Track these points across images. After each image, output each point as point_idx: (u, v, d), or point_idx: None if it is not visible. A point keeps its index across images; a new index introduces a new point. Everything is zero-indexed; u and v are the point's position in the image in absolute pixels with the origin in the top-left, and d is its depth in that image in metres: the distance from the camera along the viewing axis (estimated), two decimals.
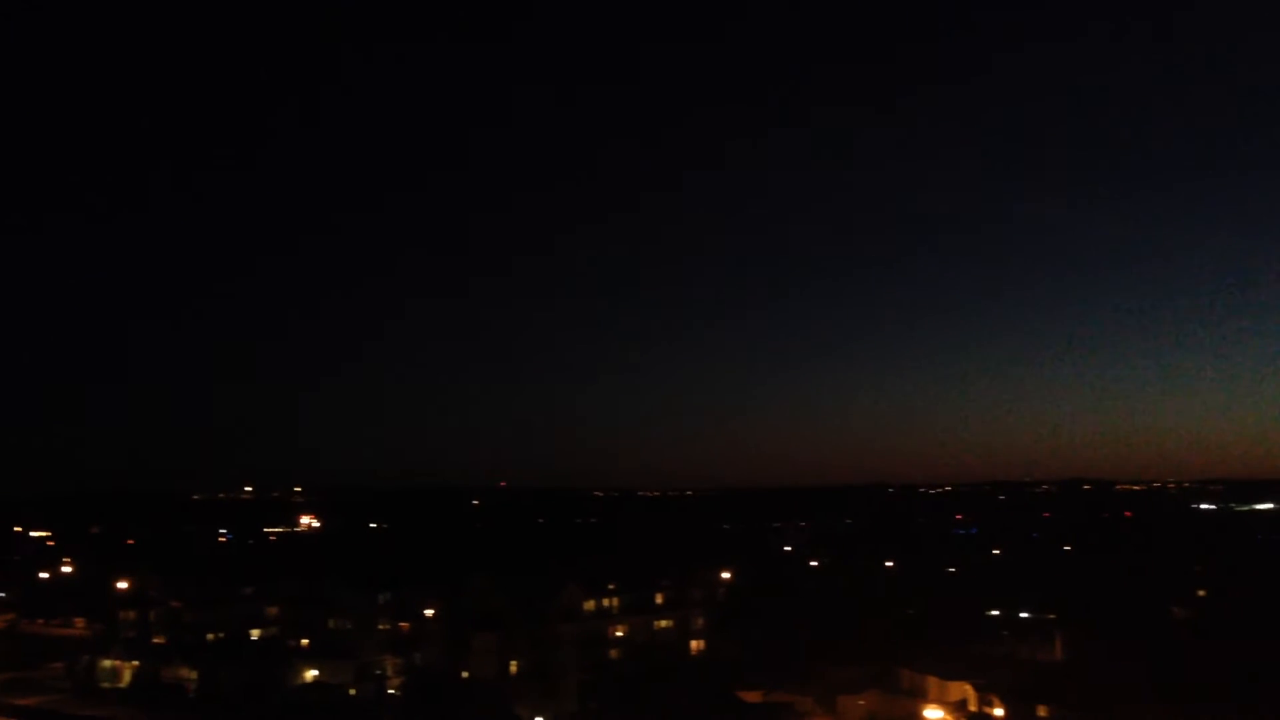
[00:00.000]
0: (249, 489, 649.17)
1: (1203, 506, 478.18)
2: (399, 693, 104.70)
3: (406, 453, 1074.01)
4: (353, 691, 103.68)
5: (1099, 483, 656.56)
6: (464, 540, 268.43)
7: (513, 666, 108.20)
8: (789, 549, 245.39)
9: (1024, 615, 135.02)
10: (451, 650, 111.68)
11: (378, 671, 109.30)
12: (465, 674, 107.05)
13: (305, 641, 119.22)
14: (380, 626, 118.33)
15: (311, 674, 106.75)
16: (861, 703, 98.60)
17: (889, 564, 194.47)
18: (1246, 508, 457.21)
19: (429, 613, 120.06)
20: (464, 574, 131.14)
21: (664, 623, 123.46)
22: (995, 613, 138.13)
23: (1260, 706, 75.30)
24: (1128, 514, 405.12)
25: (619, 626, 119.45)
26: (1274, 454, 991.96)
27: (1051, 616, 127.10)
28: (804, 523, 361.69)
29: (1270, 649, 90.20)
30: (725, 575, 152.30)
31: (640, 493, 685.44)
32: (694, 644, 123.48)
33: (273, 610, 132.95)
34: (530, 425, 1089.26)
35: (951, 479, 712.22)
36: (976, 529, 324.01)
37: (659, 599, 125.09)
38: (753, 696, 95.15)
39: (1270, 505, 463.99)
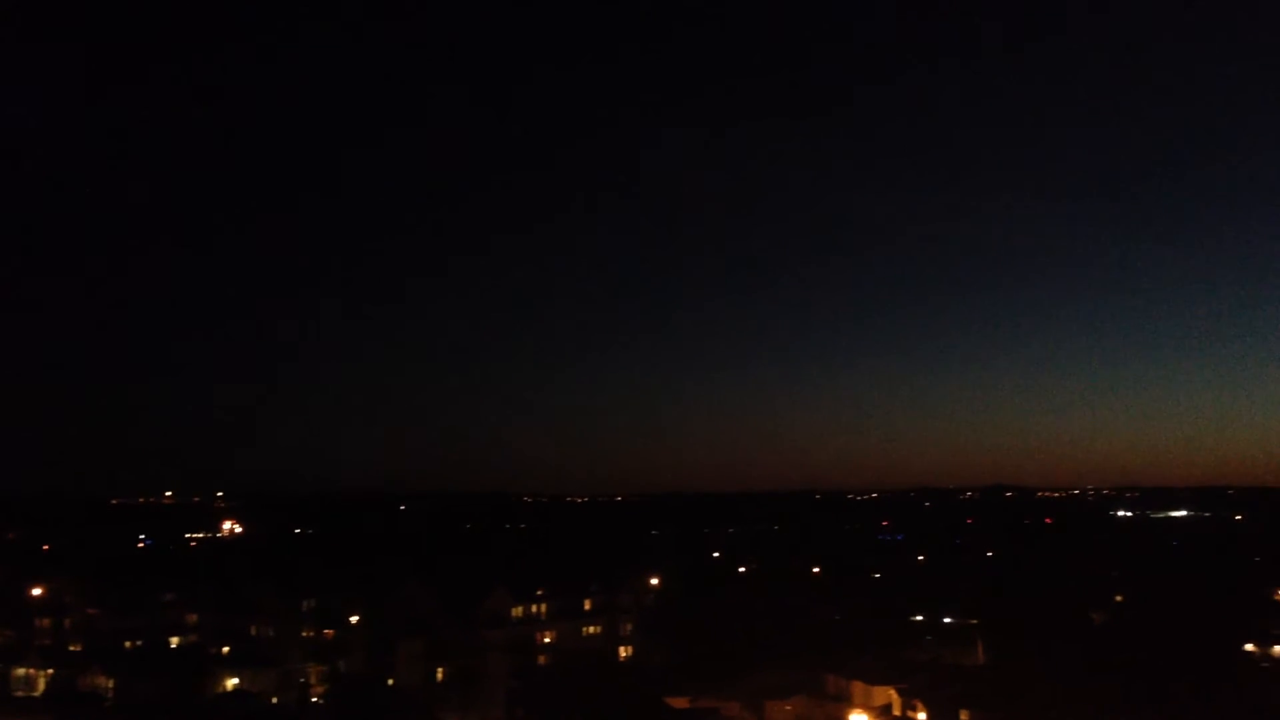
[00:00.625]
0: (170, 493, 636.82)
1: (1120, 513, 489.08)
2: (322, 700, 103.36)
3: (333, 457, 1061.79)
4: (275, 700, 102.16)
5: (1021, 489, 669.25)
6: (391, 546, 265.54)
7: (439, 673, 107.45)
8: (717, 555, 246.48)
9: (948, 620, 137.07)
10: (377, 657, 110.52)
11: (301, 679, 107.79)
12: (390, 681, 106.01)
13: (226, 649, 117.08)
14: (304, 634, 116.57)
15: (232, 682, 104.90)
16: (788, 708, 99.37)
17: (816, 570, 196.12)
18: (1161, 515, 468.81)
19: (354, 619, 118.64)
20: (391, 580, 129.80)
21: (592, 629, 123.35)
22: (920, 618, 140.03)
23: (1174, 708, 77.14)
24: (1048, 520, 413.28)
25: (547, 632, 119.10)
26: (1187, 463, 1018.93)
27: (974, 622, 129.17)
28: (732, 529, 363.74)
29: (1183, 652, 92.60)
30: (654, 581, 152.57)
31: (570, 498, 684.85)
32: (622, 650, 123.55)
33: (193, 617, 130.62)
34: (459, 430, 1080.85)
35: (878, 486, 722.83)
36: (902, 535, 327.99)
37: (587, 605, 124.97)
38: (680, 702, 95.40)
39: (1184, 512, 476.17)
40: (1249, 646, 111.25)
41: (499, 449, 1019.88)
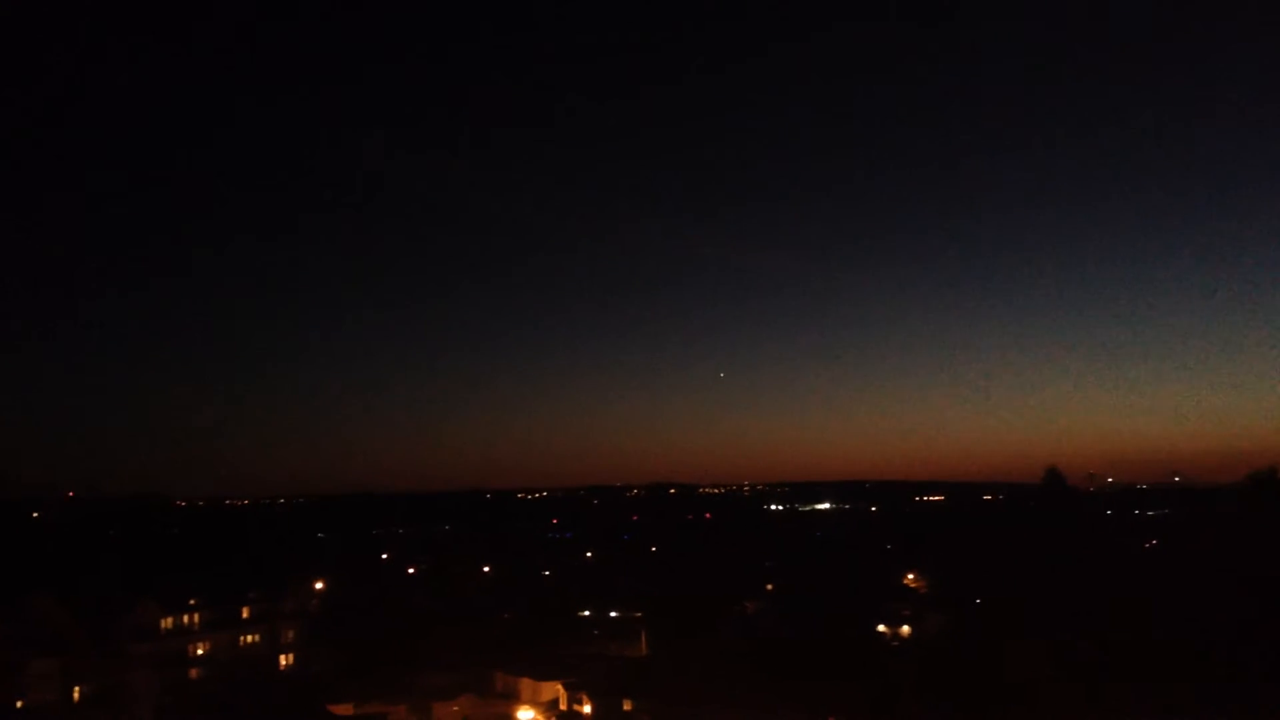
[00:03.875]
0: None
1: (773, 507, 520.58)
2: None
3: None
4: None
5: (684, 486, 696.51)
6: (21, 557, 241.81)
7: (76, 693, 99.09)
8: (386, 556, 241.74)
9: (614, 614, 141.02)
10: (3, 679, 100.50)
11: None
12: (20, 704, 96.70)
13: None
14: None
15: None
16: (455, 709, 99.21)
17: (486, 569, 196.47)
18: (808, 508, 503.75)
19: None
20: (20, 594, 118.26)
21: (251, 638, 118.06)
22: (588, 613, 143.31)
23: (813, 686, 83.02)
24: (708, 515, 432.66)
25: (201, 643, 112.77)
26: (830, 459, 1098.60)
27: (638, 614, 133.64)
28: (402, 529, 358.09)
29: (824, 634, 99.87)
30: (319, 585, 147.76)
31: (228, 501, 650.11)
32: (283, 658, 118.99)
33: None
34: (102, 429, 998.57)
35: (548, 484, 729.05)
36: (571, 533, 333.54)
37: (246, 613, 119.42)
38: (344, 709, 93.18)
39: (827, 505, 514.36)
40: (881, 627, 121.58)
41: (148, 449, 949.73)
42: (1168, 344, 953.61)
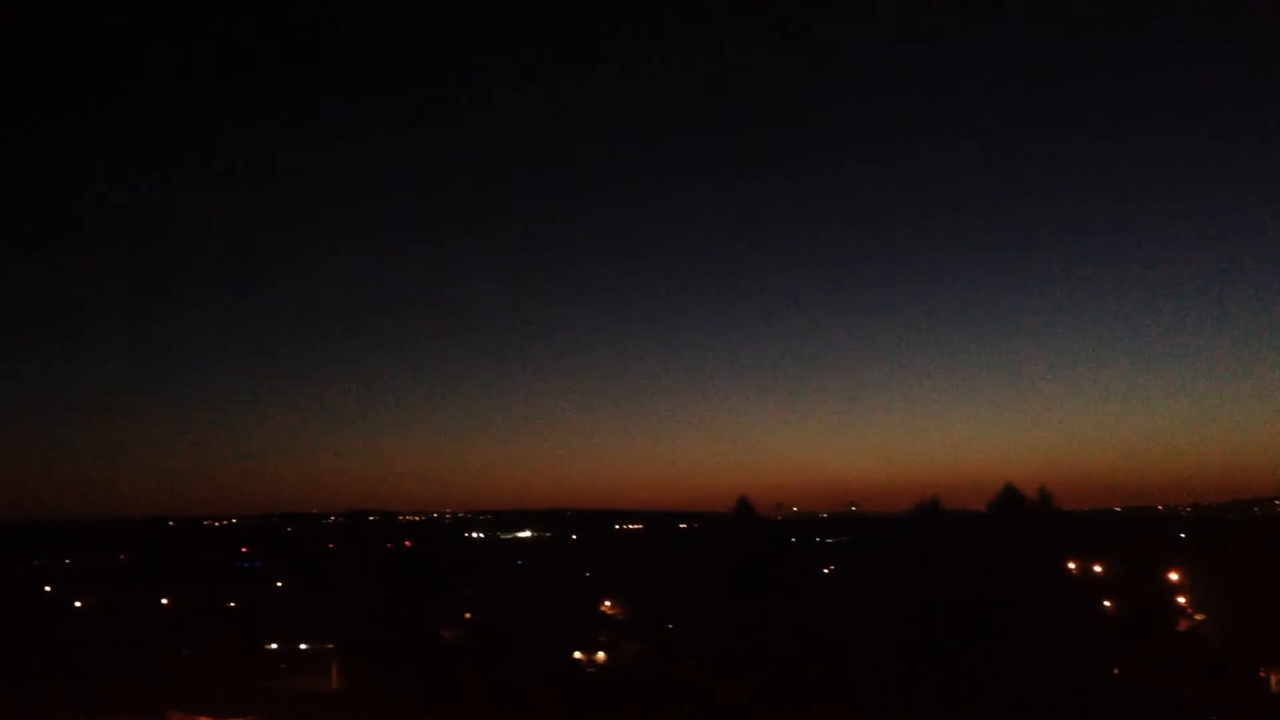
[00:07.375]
0: None
1: (474, 535, 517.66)
2: None
3: None
4: None
5: (383, 514, 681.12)
6: None
7: None
8: (49, 589, 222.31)
9: (304, 647, 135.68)
10: None
11: None
12: None
13: None
14: None
15: None
16: None
17: (165, 600, 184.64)
18: (510, 535, 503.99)
19: None
20: None
21: None
22: (274, 646, 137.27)
23: (502, 714, 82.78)
24: (408, 544, 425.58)
25: None
26: (532, 488, 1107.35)
27: (329, 646, 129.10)
28: (69, 559, 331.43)
29: (521, 663, 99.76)
30: None
31: None
32: None
33: None
34: None
35: (237, 511, 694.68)
36: (261, 562, 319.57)
37: None
38: None
39: (529, 533, 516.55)
40: (578, 654, 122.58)
41: None
42: (843, 379, 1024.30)
